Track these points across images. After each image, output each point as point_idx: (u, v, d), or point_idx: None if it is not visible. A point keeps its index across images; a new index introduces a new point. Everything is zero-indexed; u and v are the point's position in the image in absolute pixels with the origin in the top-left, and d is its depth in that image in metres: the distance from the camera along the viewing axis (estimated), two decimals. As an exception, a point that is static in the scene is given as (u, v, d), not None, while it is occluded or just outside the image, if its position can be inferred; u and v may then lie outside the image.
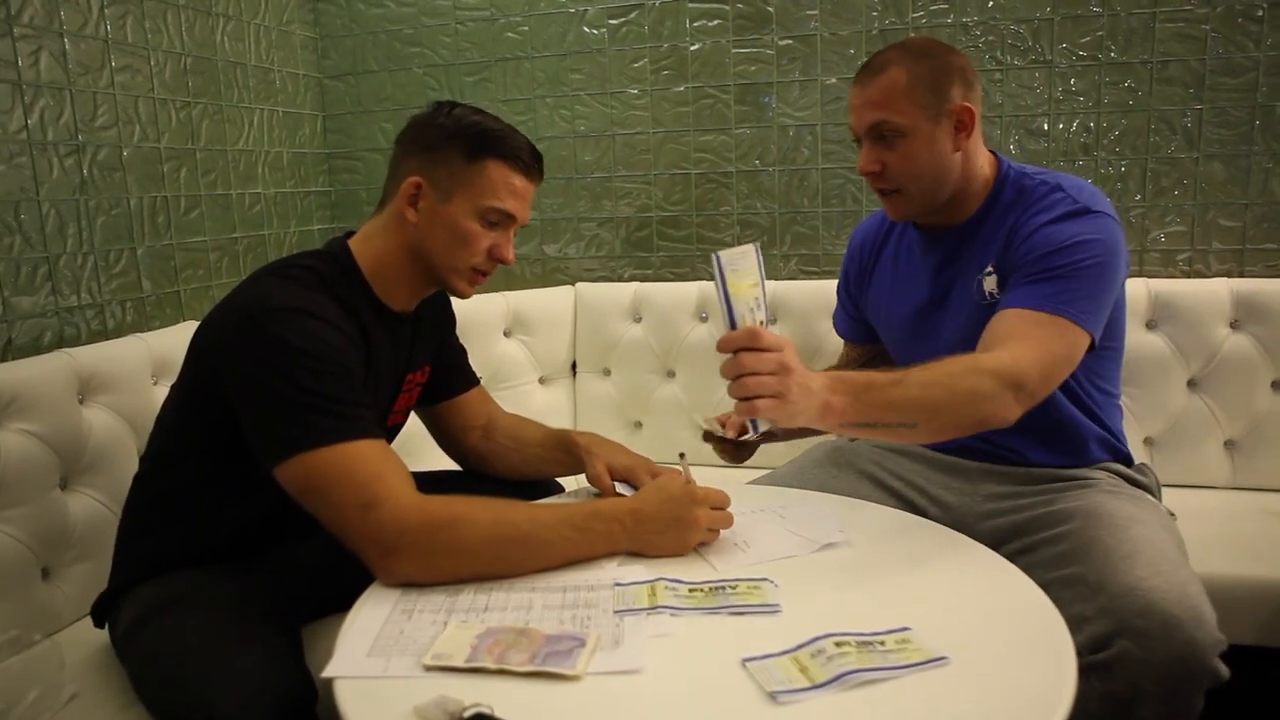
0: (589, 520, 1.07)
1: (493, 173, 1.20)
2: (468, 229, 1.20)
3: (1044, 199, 1.32)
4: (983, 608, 0.96)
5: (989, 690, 0.80)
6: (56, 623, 1.38)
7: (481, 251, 1.23)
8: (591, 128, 2.29)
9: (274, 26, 2.25)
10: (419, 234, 1.22)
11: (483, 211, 1.20)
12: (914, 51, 1.33)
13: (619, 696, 0.82)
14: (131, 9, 1.80)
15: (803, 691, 0.79)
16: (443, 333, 1.47)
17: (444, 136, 1.21)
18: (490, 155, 1.20)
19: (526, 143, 1.24)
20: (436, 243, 1.22)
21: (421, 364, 1.39)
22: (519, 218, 1.24)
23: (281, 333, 1.06)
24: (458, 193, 1.20)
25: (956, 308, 1.40)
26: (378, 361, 1.24)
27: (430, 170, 1.21)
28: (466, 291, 1.28)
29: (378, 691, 0.83)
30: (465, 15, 2.31)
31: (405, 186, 1.21)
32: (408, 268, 1.25)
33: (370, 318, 1.22)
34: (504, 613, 0.97)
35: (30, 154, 1.59)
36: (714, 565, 1.09)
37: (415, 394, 1.41)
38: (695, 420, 1.27)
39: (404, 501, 1.02)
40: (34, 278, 1.60)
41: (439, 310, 1.46)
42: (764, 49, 2.14)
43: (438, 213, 1.20)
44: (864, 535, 1.18)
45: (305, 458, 1.03)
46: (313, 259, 1.22)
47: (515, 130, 1.25)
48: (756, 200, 2.21)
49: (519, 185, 1.22)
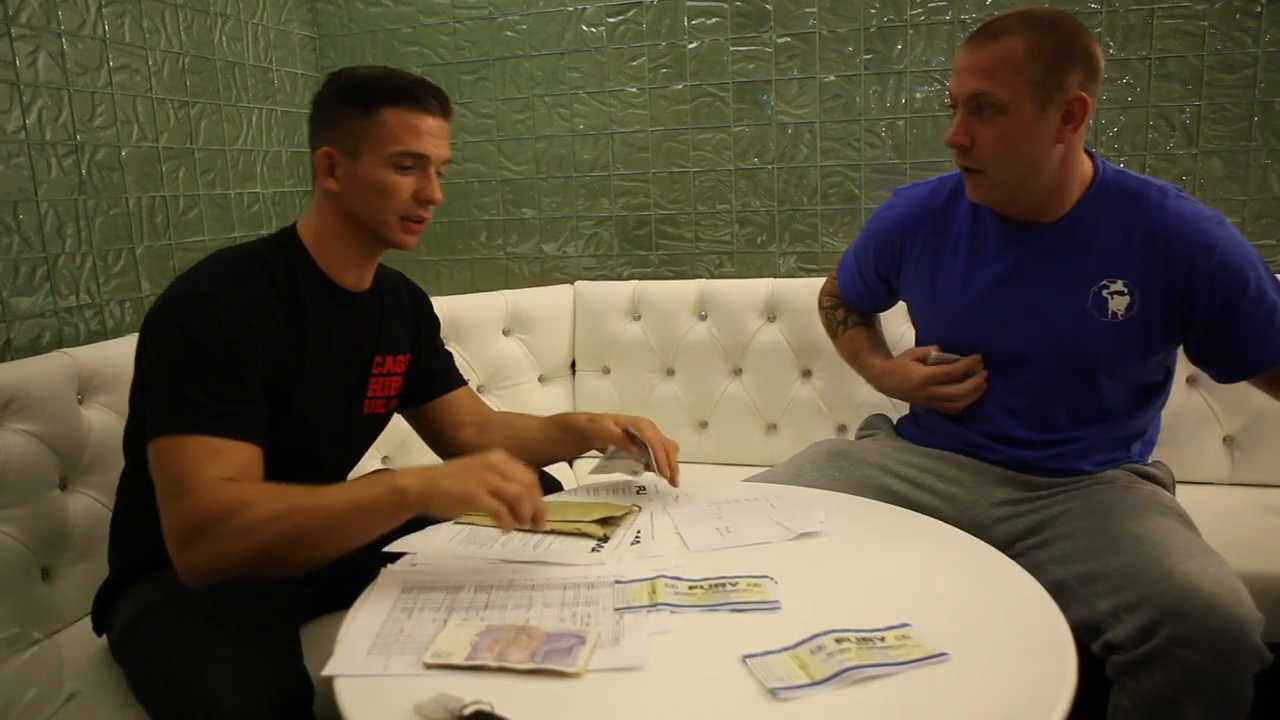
0: (370, 477, 1.09)
1: (389, 119, 1.20)
2: (385, 180, 1.21)
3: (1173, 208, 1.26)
4: (982, 604, 0.96)
5: (989, 686, 0.80)
6: (56, 622, 1.37)
7: (405, 198, 1.23)
8: (590, 126, 2.29)
9: (272, 26, 2.24)
10: (345, 200, 1.23)
11: (392, 159, 1.21)
12: (1040, 23, 1.21)
13: (619, 693, 0.82)
14: (129, 9, 1.80)
15: (803, 688, 0.79)
16: (422, 327, 1.47)
17: (338, 101, 1.23)
18: (383, 104, 1.20)
19: (418, 81, 1.24)
20: (361, 202, 1.23)
21: (396, 349, 1.39)
22: (432, 155, 1.24)
23: (171, 319, 1.12)
24: (364, 148, 1.21)
25: (1050, 313, 1.32)
26: (328, 341, 1.25)
27: (335, 136, 1.22)
28: (407, 241, 1.27)
29: (378, 690, 0.83)
30: (463, 14, 2.31)
31: (318, 159, 1.23)
32: (346, 236, 1.26)
33: (315, 298, 1.24)
34: (504, 610, 0.97)
35: (28, 154, 1.59)
36: (687, 544, 1.12)
37: (395, 383, 1.41)
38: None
39: (202, 493, 1.04)
40: (33, 278, 1.60)
41: (418, 303, 1.48)
42: (762, 47, 2.14)
43: (353, 174, 1.22)
44: (863, 532, 1.18)
45: (155, 443, 1.09)
46: (258, 242, 1.27)
47: (405, 74, 1.25)
48: (755, 198, 2.21)
49: (420, 124, 1.22)
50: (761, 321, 2.08)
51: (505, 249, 2.42)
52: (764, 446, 2.09)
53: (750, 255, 2.24)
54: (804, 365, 2.06)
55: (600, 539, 1.16)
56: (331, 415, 1.30)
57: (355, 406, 1.34)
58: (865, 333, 1.68)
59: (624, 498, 1.33)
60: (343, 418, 1.33)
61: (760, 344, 2.07)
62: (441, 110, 1.25)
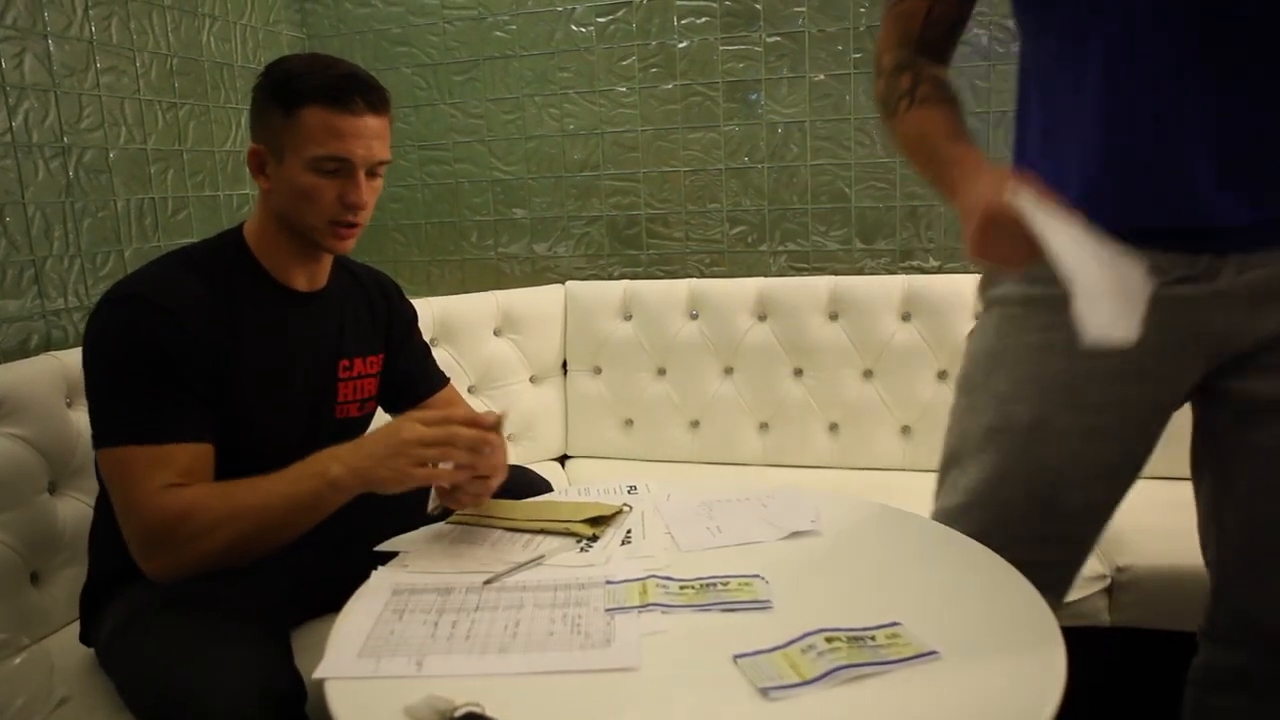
0: (306, 468, 1.08)
1: (309, 120, 1.13)
2: (307, 184, 1.15)
3: None
4: (973, 602, 0.97)
5: (980, 684, 0.80)
6: (45, 628, 1.37)
7: (330, 203, 1.16)
8: (580, 126, 2.29)
9: (260, 27, 2.24)
10: (276, 200, 1.19)
11: (313, 163, 1.14)
12: None
13: (611, 694, 0.82)
14: (116, 10, 1.79)
15: (794, 687, 0.79)
16: (394, 325, 1.43)
17: (264, 97, 1.17)
18: (303, 103, 1.13)
19: (345, 76, 1.15)
20: (288, 204, 1.18)
21: (366, 351, 1.35)
22: (357, 159, 1.16)
23: (104, 323, 1.11)
24: (287, 150, 1.15)
25: None
26: (277, 343, 1.21)
27: (262, 134, 1.18)
28: (337, 246, 1.21)
29: (369, 692, 0.83)
30: (453, 14, 2.31)
31: (249, 157, 1.19)
32: (282, 237, 1.22)
33: (256, 298, 1.20)
34: (495, 612, 0.97)
35: (15, 156, 1.58)
36: (678, 544, 1.12)
37: (370, 385, 1.37)
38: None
39: (146, 504, 1.05)
40: (20, 281, 1.59)
41: (388, 298, 1.43)
42: (752, 46, 2.14)
43: (280, 175, 1.17)
44: (853, 530, 1.18)
45: (99, 455, 1.10)
46: (202, 242, 1.24)
47: (333, 67, 1.16)
48: (745, 197, 2.21)
49: (342, 125, 1.14)
50: (753, 321, 2.09)
51: (496, 249, 2.41)
52: (756, 445, 2.10)
53: (741, 254, 2.24)
54: (795, 364, 2.07)
55: (590, 538, 1.16)
56: (295, 421, 1.26)
57: (325, 412, 1.30)
58: (944, 111, 1.07)
59: (614, 497, 1.33)
60: (311, 423, 1.28)
61: (751, 343, 2.08)
62: (370, 108, 1.17)
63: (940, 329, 1.97)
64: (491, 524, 1.23)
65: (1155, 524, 1.60)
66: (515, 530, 1.21)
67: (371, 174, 1.20)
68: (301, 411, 1.27)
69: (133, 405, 1.08)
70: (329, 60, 1.18)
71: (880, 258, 2.15)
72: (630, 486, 1.38)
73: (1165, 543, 1.52)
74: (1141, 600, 1.49)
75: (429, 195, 2.43)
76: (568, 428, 2.22)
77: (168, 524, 1.05)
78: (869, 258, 2.16)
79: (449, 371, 2.04)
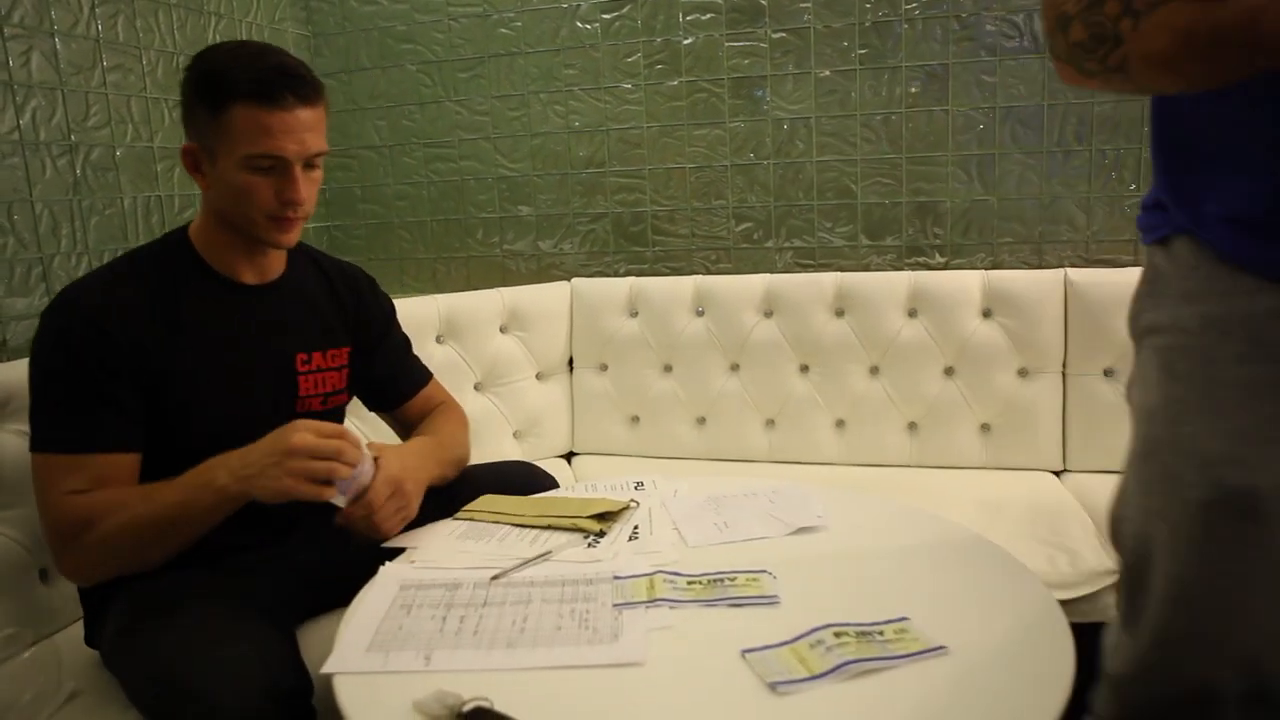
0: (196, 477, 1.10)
1: (237, 119, 1.10)
2: (244, 183, 1.13)
3: None
4: (981, 598, 0.97)
5: (987, 680, 0.80)
6: (54, 623, 1.37)
7: (267, 200, 1.15)
8: (585, 123, 2.29)
9: (266, 25, 2.24)
10: (214, 197, 1.18)
11: (246, 161, 1.12)
12: None
13: (619, 689, 0.82)
14: (123, 8, 1.80)
15: (802, 682, 0.79)
16: (372, 324, 1.41)
17: (190, 94, 1.14)
18: (229, 100, 1.09)
19: (272, 69, 1.11)
20: (227, 203, 1.16)
21: (326, 344, 1.33)
22: (290, 155, 1.13)
23: (40, 331, 1.13)
24: (219, 149, 1.12)
25: None
26: (222, 339, 1.21)
27: (193, 132, 1.15)
28: (280, 240, 1.19)
29: (377, 687, 0.83)
30: (458, 11, 2.31)
31: (182, 156, 1.17)
32: (223, 233, 1.21)
33: (198, 295, 1.20)
34: (503, 607, 0.97)
35: (23, 154, 1.59)
36: (685, 540, 1.12)
37: (335, 378, 1.35)
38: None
39: (53, 509, 1.10)
40: (28, 278, 1.60)
41: (356, 292, 1.40)
42: (757, 42, 2.14)
43: (215, 173, 1.15)
44: (861, 525, 1.18)
45: (32, 458, 1.12)
46: (150, 243, 1.24)
47: (259, 59, 1.12)
48: (751, 194, 2.21)
49: (272, 122, 1.10)
50: (758, 317, 2.08)
51: (501, 246, 2.41)
52: (762, 442, 2.10)
53: (747, 251, 2.24)
54: (801, 361, 2.06)
55: (597, 534, 1.16)
56: (255, 415, 1.20)
57: (286, 406, 1.28)
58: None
59: (621, 493, 1.33)
60: (274, 419, 1.19)
61: (757, 340, 2.07)
62: (301, 101, 1.13)
63: (946, 325, 1.96)
64: (499, 520, 1.24)
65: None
66: (523, 526, 1.21)
67: (310, 165, 1.18)
68: (261, 406, 1.24)
69: (53, 413, 1.11)
70: (255, 51, 1.14)
71: (886, 254, 2.15)
72: (637, 483, 1.38)
73: (1173, 538, 1.52)
74: (1149, 596, 1.49)
75: (434, 193, 2.43)
76: (574, 424, 2.22)
77: (70, 529, 1.09)
78: (875, 254, 2.16)
79: (456, 369, 2.06)
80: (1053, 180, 2.02)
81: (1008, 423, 1.95)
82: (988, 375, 1.95)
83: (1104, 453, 1.90)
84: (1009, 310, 1.94)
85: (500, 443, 2.11)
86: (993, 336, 1.95)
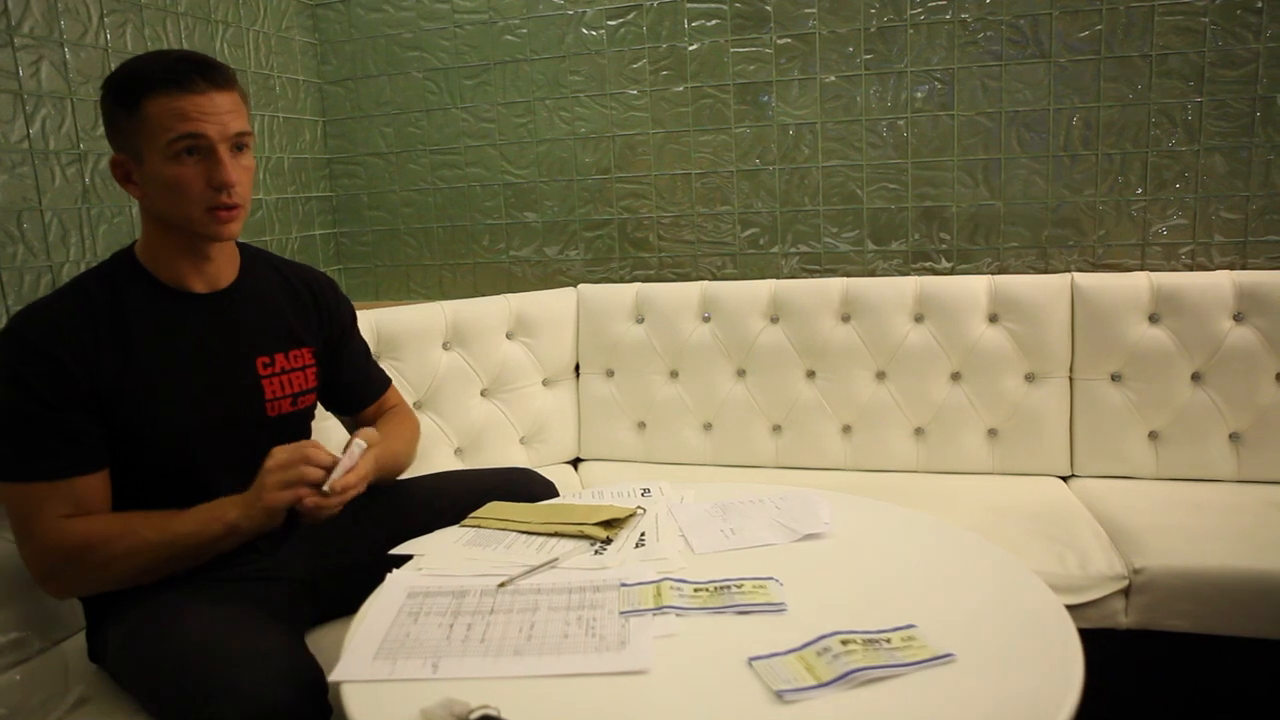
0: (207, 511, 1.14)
1: (152, 110, 1.11)
2: (172, 175, 1.13)
3: None
4: (988, 605, 0.96)
5: (995, 687, 0.80)
6: (62, 630, 1.37)
7: (200, 187, 1.14)
8: (591, 129, 2.29)
9: (273, 33, 2.25)
10: (150, 204, 1.18)
11: (170, 150, 1.12)
12: None
13: (625, 697, 0.82)
14: (131, 18, 1.81)
15: (809, 690, 0.79)
16: (329, 322, 1.41)
17: (109, 104, 1.16)
18: (142, 95, 1.11)
19: (178, 59, 1.14)
20: (163, 203, 1.16)
21: (288, 345, 1.33)
22: (211, 134, 1.13)
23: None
24: (143, 148, 1.13)
25: None
26: (178, 349, 1.20)
27: (117, 142, 1.17)
28: (221, 232, 1.19)
29: (385, 694, 0.84)
30: (464, 19, 2.32)
31: (113, 170, 1.18)
32: (166, 240, 1.20)
33: (149, 309, 1.19)
34: (510, 614, 0.97)
35: (32, 163, 1.60)
36: (692, 547, 1.12)
37: (301, 378, 1.34)
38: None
39: (46, 535, 1.11)
40: (37, 287, 1.61)
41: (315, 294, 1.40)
42: (763, 48, 2.14)
43: (146, 176, 1.15)
44: (868, 533, 1.18)
45: (5, 487, 1.12)
46: (97, 265, 1.24)
47: (164, 54, 1.16)
48: (757, 199, 2.21)
49: (186, 105, 1.11)
50: (765, 323, 2.08)
51: (508, 253, 2.42)
52: (768, 448, 2.09)
53: (753, 256, 2.24)
54: (808, 366, 2.06)
55: (604, 541, 1.16)
56: (222, 424, 1.24)
57: (255, 412, 1.28)
58: None
59: (628, 500, 1.33)
60: (244, 425, 1.26)
61: (764, 345, 2.07)
62: (211, 83, 1.14)
63: (953, 330, 1.96)
64: (506, 527, 1.24)
65: (1173, 525, 1.59)
66: (529, 533, 1.21)
67: (238, 149, 1.18)
68: (228, 414, 1.25)
69: (20, 445, 1.12)
70: (163, 51, 1.18)
71: (892, 259, 2.15)
72: (644, 489, 1.38)
73: (1183, 544, 1.52)
74: (1158, 602, 1.48)
75: (441, 199, 2.43)
76: (580, 430, 2.22)
77: (70, 552, 1.11)
78: (881, 259, 2.16)
79: (462, 375, 2.07)
80: (1059, 184, 2.02)
81: (1015, 428, 1.95)
82: (994, 380, 1.95)
83: (1111, 458, 1.90)
84: (1016, 315, 1.93)
85: (507, 449, 2.11)
86: (999, 341, 1.94)
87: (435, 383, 2.03)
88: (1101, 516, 1.67)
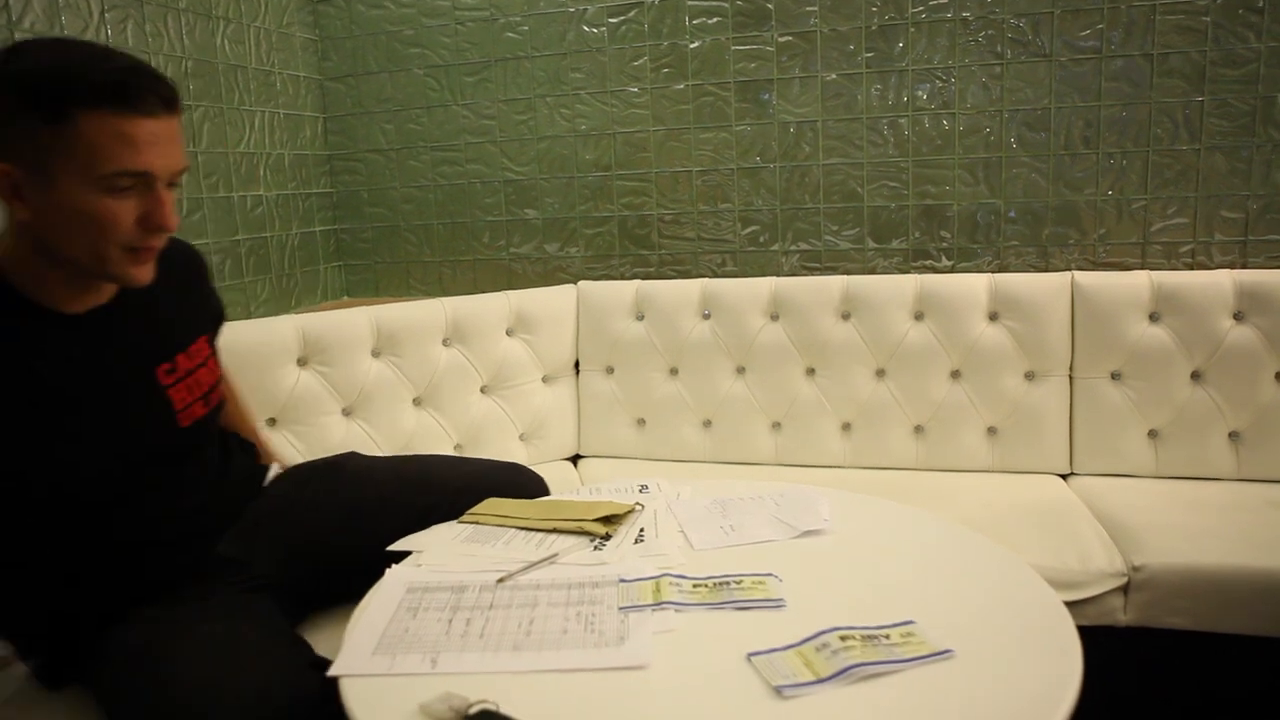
0: None
1: (90, 129, 0.89)
2: (95, 208, 0.92)
3: None
4: (987, 601, 0.96)
5: (994, 684, 0.80)
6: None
7: (126, 228, 0.95)
8: (592, 126, 2.29)
9: (274, 29, 2.25)
10: (40, 231, 0.94)
11: (102, 181, 0.91)
12: None
13: (625, 692, 0.82)
14: (132, 13, 1.81)
15: (808, 685, 0.79)
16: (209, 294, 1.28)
17: (11, 102, 0.90)
18: (78, 107, 0.89)
19: (127, 69, 0.92)
20: (63, 236, 0.94)
21: (186, 342, 1.16)
22: (157, 170, 0.94)
23: None
24: (59, 168, 0.90)
25: None
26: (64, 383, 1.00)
27: (13, 150, 0.90)
28: (136, 276, 0.99)
29: (384, 689, 0.84)
30: (465, 15, 2.32)
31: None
32: (53, 270, 0.98)
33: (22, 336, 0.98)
34: (509, 610, 0.97)
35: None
36: (691, 543, 1.13)
37: (204, 375, 1.18)
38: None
39: None
40: None
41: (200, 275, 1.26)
42: (764, 46, 2.14)
43: (48, 200, 0.91)
44: (867, 529, 1.18)
45: None
46: None
47: (106, 58, 0.93)
48: (757, 197, 2.21)
49: (136, 131, 0.91)
50: (765, 320, 2.08)
51: (508, 250, 2.42)
52: (768, 445, 2.09)
53: (753, 254, 2.24)
54: (808, 364, 2.06)
55: (603, 537, 1.16)
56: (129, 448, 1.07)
57: (167, 424, 1.11)
58: None
59: (626, 496, 1.33)
60: (157, 441, 1.11)
61: (764, 343, 2.07)
62: (164, 106, 0.94)
63: (953, 328, 1.96)
64: (505, 523, 1.24)
65: (1172, 523, 1.60)
66: (528, 529, 1.21)
67: (171, 184, 0.99)
68: (139, 433, 1.08)
69: None
70: (92, 46, 0.95)
71: (893, 257, 2.15)
72: (642, 486, 1.38)
73: (1181, 541, 1.52)
74: (1157, 599, 1.48)
75: (441, 196, 2.43)
76: (580, 427, 2.22)
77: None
78: (881, 257, 2.16)
79: (462, 372, 2.07)
80: (1059, 183, 2.02)
81: (1014, 426, 1.95)
82: (994, 378, 1.95)
83: (1111, 456, 1.90)
84: (1016, 313, 1.93)
85: (506, 445, 2.11)
86: (999, 339, 1.94)
87: (435, 379, 2.03)
88: (1101, 514, 1.67)
